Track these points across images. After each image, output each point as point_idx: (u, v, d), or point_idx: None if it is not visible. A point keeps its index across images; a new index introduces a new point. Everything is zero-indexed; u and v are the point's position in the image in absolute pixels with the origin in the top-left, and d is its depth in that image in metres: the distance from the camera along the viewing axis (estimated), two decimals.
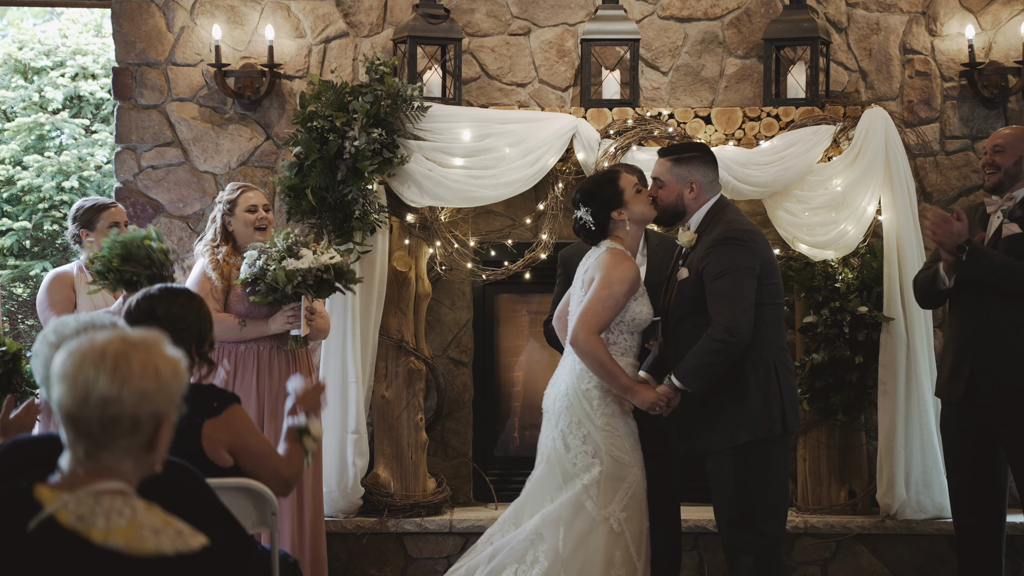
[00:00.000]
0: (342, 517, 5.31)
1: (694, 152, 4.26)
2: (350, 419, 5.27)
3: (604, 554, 4.04)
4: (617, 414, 4.15)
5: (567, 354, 4.27)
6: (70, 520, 1.94)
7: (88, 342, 2.03)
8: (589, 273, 4.19)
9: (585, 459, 4.11)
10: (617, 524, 4.08)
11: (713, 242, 4.09)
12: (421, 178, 5.29)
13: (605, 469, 4.10)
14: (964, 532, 4.58)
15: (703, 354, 4.03)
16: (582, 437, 4.12)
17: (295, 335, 4.63)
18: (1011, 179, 4.48)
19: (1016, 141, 4.48)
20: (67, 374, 2.01)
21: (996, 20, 5.66)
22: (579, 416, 4.13)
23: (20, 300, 8.66)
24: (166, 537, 1.98)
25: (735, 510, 4.12)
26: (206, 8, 5.67)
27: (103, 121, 8.75)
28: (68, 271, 4.98)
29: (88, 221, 4.94)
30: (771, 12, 5.66)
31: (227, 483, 3.25)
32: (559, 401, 4.19)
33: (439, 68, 5.48)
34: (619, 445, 4.13)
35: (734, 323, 4.00)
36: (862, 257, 5.43)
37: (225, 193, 4.88)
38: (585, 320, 4.08)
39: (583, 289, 4.20)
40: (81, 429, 2.01)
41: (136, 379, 2.01)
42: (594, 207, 4.18)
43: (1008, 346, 4.37)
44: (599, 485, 4.08)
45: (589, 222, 4.20)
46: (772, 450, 4.12)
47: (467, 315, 5.72)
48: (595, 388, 4.13)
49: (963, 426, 4.49)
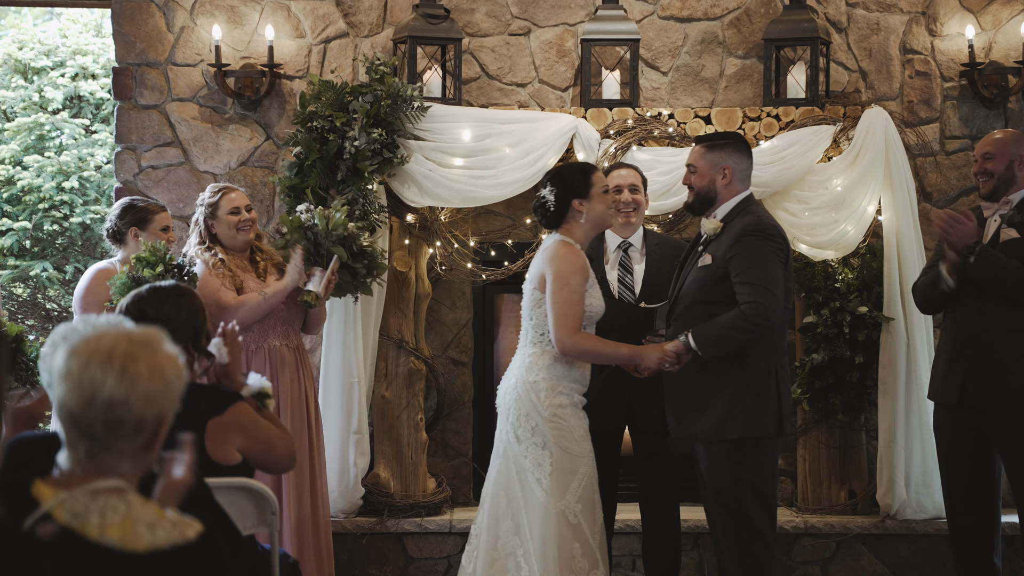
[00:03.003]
0: (342, 517, 5.31)
1: (729, 140, 4.32)
2: (352, 419, 5.27)
3: (564, 548, 4.04)
4: (565, 405, 4.13)
5: (519, 348, 4.28)
6: (65, 517, 1.94)
7: (93, 341, 2.01)
8: (538, 268, 4.19)
9: (535, 452, 4.11)
10: (573, 516, 4.07)
11: (744, 231, 4.11)
12: (421, 178, 5.29)
13: (555, 461, 4.08)
14: (959, 533, 4.59)
15: (730, 328, 4.05)
16: (531, 429, 4.12)
17: (310, 289, 4.70)
18: (1006, 184, 4.47)
19: (1004, 146, 4.47)
20: (72, 373, 1.99)
21: (996, 20, 5.66)
22: (527, 408, 4.12)
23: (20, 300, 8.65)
24: (161, 531, 1.97)
25: (731, 509, 4.13)
26: (206, 8, 5.67)
27: (103, 121, 8.74)
28: (110, 267, 4.92)
29: (142, 221, 4.89)
30: (771, 12, 5.66)
31: (227, 483, 3.25)
32: (509, 394, 4.20)
33: (439, 68, 5.48)
34: (568, 436, 4.11)
35: (769, 308, 4.02)
36: (862, 257, 5.43)
37: (206, 195, 4.85)
38: (563, 325, 4.09)
39: (532, 284, 4.21)
40: (84, 430, 2.00)
41: (144, 382, 1.99)
42: (559, 189, 4.19)
43: (1002, 349, 4.37)
44: (551, 477, 4.07)
45: (550, 202, 4.20)
46: (767, 450, 4.15)
47: (467, 315, 5.72)
48: (543, 380, 4.13)
49: (956, 427, 4.49)
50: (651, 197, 5.00)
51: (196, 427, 3.22)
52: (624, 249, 4.78)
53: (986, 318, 4.38)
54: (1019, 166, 4.46)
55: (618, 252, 4.78)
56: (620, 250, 4.78)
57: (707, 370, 4.12)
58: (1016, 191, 4.47)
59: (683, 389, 4.19)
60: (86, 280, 4.90)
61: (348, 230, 4.82)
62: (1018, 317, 4.36)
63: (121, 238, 4.93)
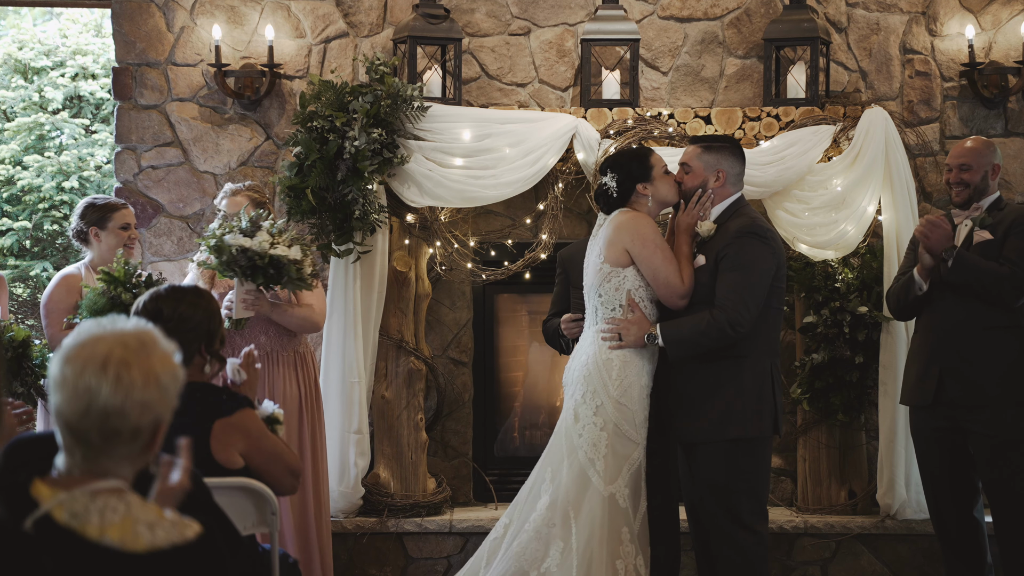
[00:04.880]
0: (342, 517, 5.30)
1: (725, 143, 4.36)
2: (352, 419, 5.27)
3: (614, 530, 4.04)
4: (635, 386, 4.15)
5: (586, 328, 4.30)
6: (64, 518, 1.94)
7: (88, 347, 2.00)
8: (606, 242, 4.18)
9: (592, 431, 4.11)
10: (623, 500, 4.09)
11: (738, 232, 4.14)
12: (421, 178, 5.28)
13: (612, 443, 4.10)
14: (946, 532, 4.64)
15: (697, 333, 4.09)
16: (594, 408, 4.12)
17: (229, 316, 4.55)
18: (980, 193, 4.60)
19: (980, 158, 4.58)
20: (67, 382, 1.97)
21: (996, 20, 5.66)
22: (595, 385, 4.13)
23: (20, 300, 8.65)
24: (161, 530, 1.97)
25: (728, 507, 4.15)
26: (206, 8, 5.66)
27: (103, 121, 8.75)
28: (76, 272, 4.92)
29: (100, 220, 4.90)
30: (771, 12, 5.66)
31: (227, 483, 3.25)
32: (577, 371, 4.21)
33: (439, 68, 5.48)
34: (630, 420, 4.13)
35: (738, 318, 4.05)
36: (862, 257, 5.43)
37: (220, 195, 4.94)
38: (676, 279, 4.11)
39: (598, 258, 4.22)
40: (80, 437, 1.99)
41: (139, 390, 1.98)
42: (621, 175, 4.24)
43: (977, 347, 4.46)
44: (605, 460, 4.08)
45: (612, 188, 4.25)
46: (762, 449, 4.21)
47: (467, 315, 5.72)
48: (616, 358, 4.14)
49: (933, 426, 4.57)
50: None
51: (203, 426, 3.23)
52: None
53: (961, 318, 4.48)
54: (992, 175, 4.60)
55: None
56: None
57: (706, 371, 4.16)
58: (986, 198, 4.59)
59: (683, 390, 4.22)
60: (50, 288, 4.89)
61: (237, 250, 4.46)
62: (993, 316, 4.45)
63: (84, 238, 4.93)
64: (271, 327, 4.75)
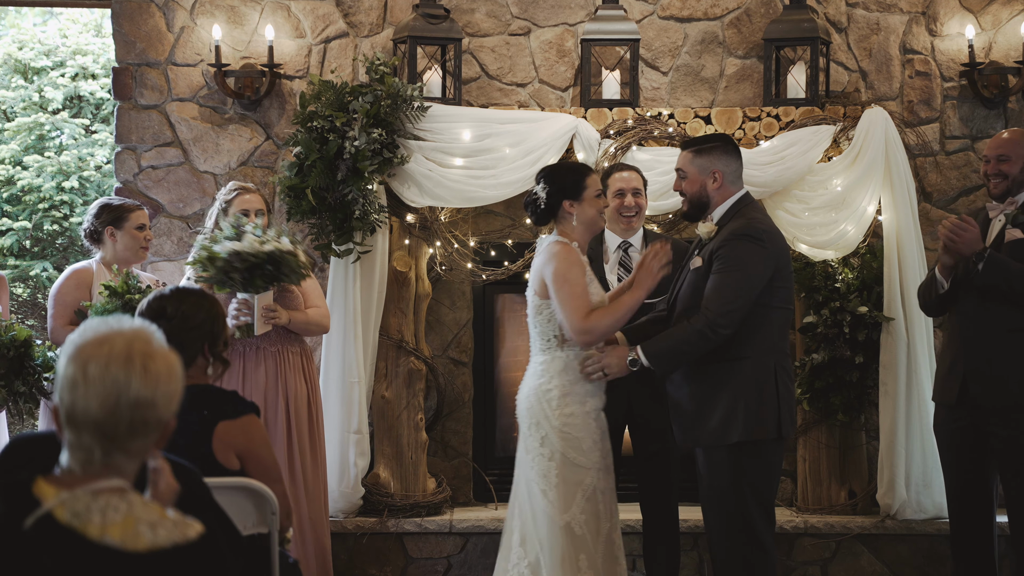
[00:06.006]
0: (342, 517, 5.30)
1: (716, 143, 4.24)
2: (352, 419, 5.27)
3: (569, 558, 3.99)
4: (577, 414, 4.06)
5: (531, 356, 4.21)
6: (66, 517, 1.94)
7: (105, 343, 2.00)
8: (537, 273, 4.11)
9: (541, 462, 4.04)
10: (579, 527, 4.02)
11: (730, 235, 4.06)
12: (421, 178, 5.29)
13: (560, 472, 4.02)
14: (958, 532, 4.59)
15: (678, 342, 4.03)
16: (539, 439, 4.06)
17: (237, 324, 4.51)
18: (1018, 185, 4.44)
19: (1019, 149, 4.44)
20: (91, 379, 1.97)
21: (996, 20, 5.66)
22: (538, 417, 4.07)
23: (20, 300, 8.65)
24: (163, 530, 1.97)
25: (731, 513, 4.09)
26: (206, 8, 5.67)
27: (103, 121, 8.75)
28: (88, 267, 4.96)
29: (116, 220, 4.93)
30: (771, 12, 5.66)
31: (227, 482, 3.24)
32: (522, 403, 4.16)
33: (439, 68, 5.48)
34: (576, 447, 4.04)
35: (717, 320, 3.97)
36: (862, 257, 5.43)
37: (223, 192, 4.86)
38: (576, 316, 3.97)
39: (532, 289, 4.13)
40: (107, 432, 1.98)
41: (164, 380, 2.00)
42: (551, 188, 4.10)
43: (1001, 349, 4.37)
44: (557, 489, 4.01)
45: (541, 199, 4.12)
46: (768, 453, 4.09)
47: (467, 315, 5.72)
48: (555, 388, 4.06)
49: (955, 426, 4.49)
50: (651, 197, 5.00)
51: (207, 428, 3.24)
52: (624, 249, 4.78)
53: (986, 319, 4.38)
54: None
55: (618, 252, 4.78)
56: (620, 250, 4.78)
57: (706, 373, 4.09)
58: (1022, 191, 4.46)
59: (683, 394, 4.16)
60: (61, 279, 4.96)
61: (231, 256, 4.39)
62: (1017, 318, 4.35)
63: (98, 238, 4.96)
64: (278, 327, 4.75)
